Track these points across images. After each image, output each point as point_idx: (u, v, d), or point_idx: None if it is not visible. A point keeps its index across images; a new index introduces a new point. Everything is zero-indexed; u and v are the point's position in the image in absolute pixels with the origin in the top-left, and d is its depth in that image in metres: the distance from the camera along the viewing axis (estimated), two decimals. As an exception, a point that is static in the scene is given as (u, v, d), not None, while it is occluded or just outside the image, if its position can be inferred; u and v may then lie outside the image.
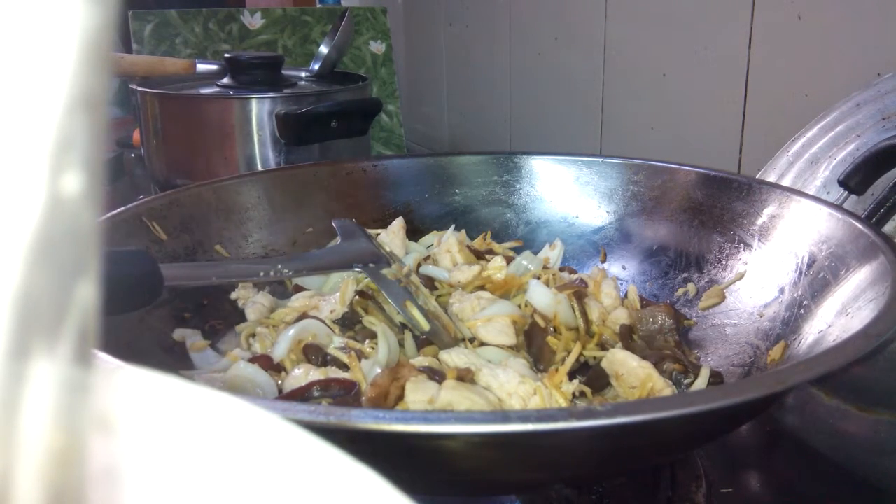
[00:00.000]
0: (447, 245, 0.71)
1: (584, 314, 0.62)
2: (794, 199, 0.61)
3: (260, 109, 0.94)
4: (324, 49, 1.17)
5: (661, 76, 1.00)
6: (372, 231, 0.72)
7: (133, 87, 1.01)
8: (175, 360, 0.59)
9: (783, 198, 0.62)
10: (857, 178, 0.57)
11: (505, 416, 0.31)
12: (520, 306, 0.63)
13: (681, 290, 0.68)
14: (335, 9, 1.61)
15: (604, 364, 0.57)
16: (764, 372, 0.54)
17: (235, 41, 1.38)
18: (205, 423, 0.15)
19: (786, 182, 0.70)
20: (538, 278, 0.66)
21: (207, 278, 0.58)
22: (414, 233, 0.77)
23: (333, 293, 0.65)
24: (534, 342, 0.60)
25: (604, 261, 0.75)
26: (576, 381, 0.54)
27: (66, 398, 0.13)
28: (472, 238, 0.77)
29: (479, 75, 1.45)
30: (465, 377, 0.51)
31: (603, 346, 0.61)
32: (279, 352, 0.58)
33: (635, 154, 0.77)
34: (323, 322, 0.61)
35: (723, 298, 0.64)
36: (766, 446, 0.59)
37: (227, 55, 1.03)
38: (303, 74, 1.17)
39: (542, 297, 0.62)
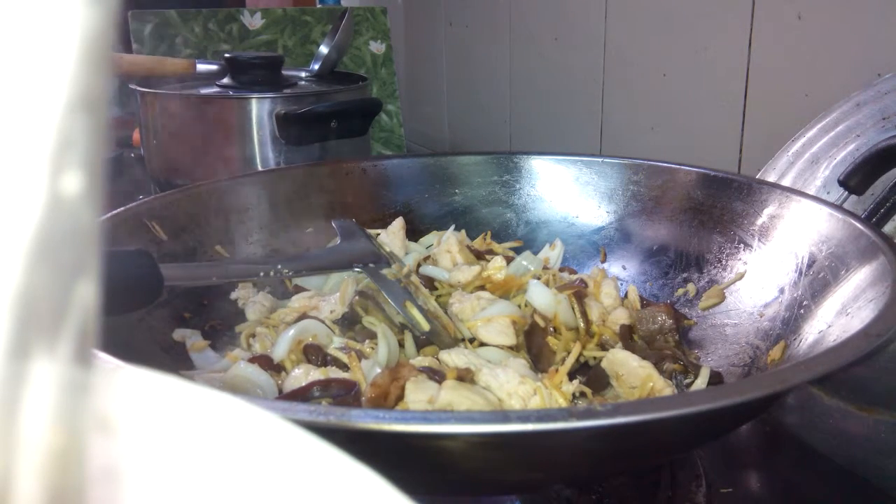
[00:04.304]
0: (447, 245, 0.71)
1: (584, 314, 0.62)
2: (794, 199, 0.61)
3: (260, 109, 0.94)
4: (324, 49, 1.17)
5: (661, 76, 1.00)
6: (372, 231, 0.72)
7: (133, 87, 1.00)
8: (175, 360, 0.59)
9: (783, 198, 0.62)
10: (857, 178, 0.57)
11: (505, 416, 0.31)
12: (520, 306, 0.63)
13: (681, 290, 0.68)
14: (335, 9, 1.61)
15: (604, 364, 0.57)
16: (764, 372, 0.54)
17: (235, 41, 1.38)
18: (205, 423, 0.15)
19: (786, 182, 0.70)
20: (538, 278, 0.66)
21: (207, 278, 0.58)
22: (414, 233, 0.77)
23: (333, 293, 0.65)
24: (534, 342, 0.60)
25: (604, 261, 0.75)
26: (576, 382, 0.54)
27: (66, 398, 0.13)
28: (472, 238, 0.77)
29: (479, 75, 1.45)
30: (465, 377, 0.51)
31: (603, 346, 0.61)
32: (279, 352, 0.58)
33: (635, 154, 0.77)
34: (323, 322, 0.61)
35: (723, 298, 0.64)
36: (766, 446, 0.59)
37: (227, 55, 1.03)
38: (303, 74, 1.17)
39: (542, 297, 0.62)
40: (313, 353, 0.57)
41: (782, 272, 0.59)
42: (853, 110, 0.69)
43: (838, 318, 0.49)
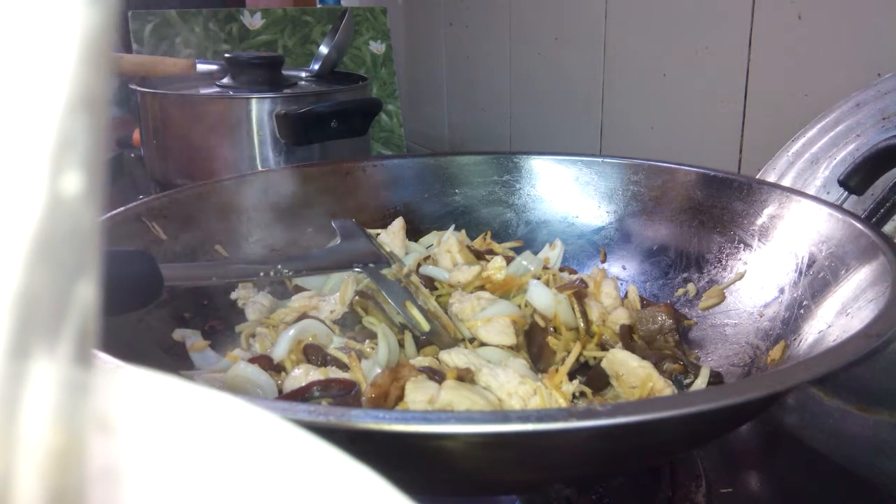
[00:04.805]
0: (447, 245, 0.71)
1: (584, 314, 0.62)
2: (794, 199, 0.61)
3: (260, 109, 0.94)
4: (324, 49, 1.17)
5: (661, 76, 1.00)
6: (372, 231, 0.72)
7: (133, 87, 1.01)
8: (175, 360, 0.59)
9: (783, 198, 0.62)
10: (857, 178, 0.57)
11: (505, 416, 0.31)
12: (520, 306, 0.63)
13: (681, 290, 0.68)
14: (335, 9, 1.61)
15: (604, 364, 0.57)
16: (764, 372, 0.54)
17: (235, 41, 1.38)
18: (204, 423, 0.15)
19: (786, 182, 0.70)
20: (538, 278, 0.66)
21: (207, 278, 0.58)
22: (414, 233, 0.77)
23: (333, 293, 0.65)
24: (534, 342, 0.60)
25: (604, 261, 0.75)
26: (576, 381, 0.54)
27: (66, 398, 0.13)
28: (472, 238, 0.77)
29: (479, 75, 1.45)
30: (465, 377, 0.51)
31: (603, 346, 0.61)
32: (279, 352, 0.58)
33: (635, 154, 0.77)
34: (323, 322, 0.61)
35: (723, 298, 0.64)
36: (766, 446, 0.59)
37: (227, 55, 1.03)
38: (303, 74, 1.17)
39: (542, 297, 0.62)
40: (313, 353, 0.57)
41: (782, 272, 0.59)
42: (853, 110, 0.69)
43: (838, 318, 0.49)
